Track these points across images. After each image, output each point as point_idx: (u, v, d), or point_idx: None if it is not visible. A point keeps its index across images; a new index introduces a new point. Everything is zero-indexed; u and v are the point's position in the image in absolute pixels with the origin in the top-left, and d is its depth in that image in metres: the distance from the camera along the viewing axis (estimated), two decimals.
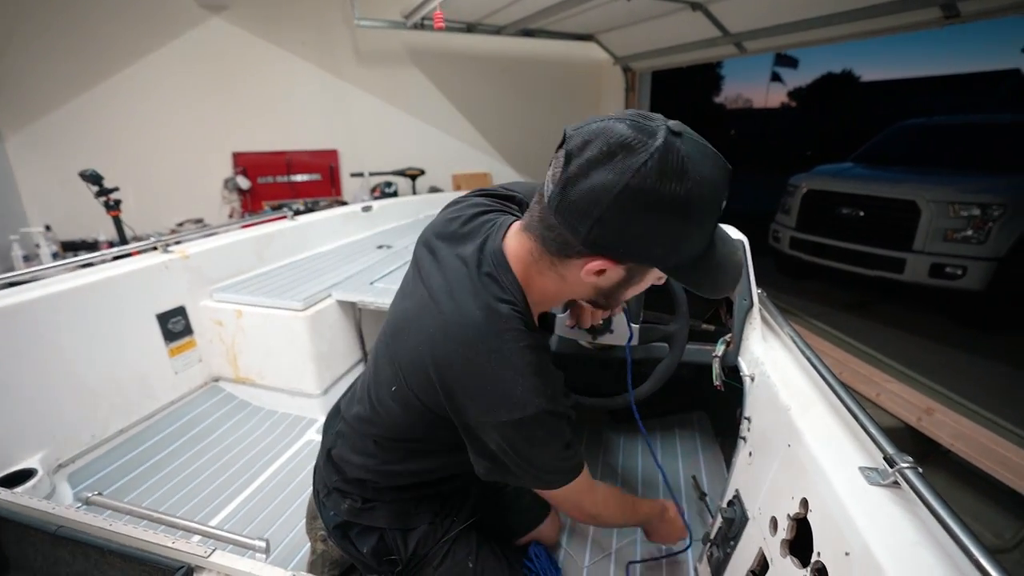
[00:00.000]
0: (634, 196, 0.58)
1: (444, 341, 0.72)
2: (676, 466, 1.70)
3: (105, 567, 0.85)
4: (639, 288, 0.74)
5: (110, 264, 1.77)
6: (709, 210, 0.62)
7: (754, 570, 0.91)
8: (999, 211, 3.61)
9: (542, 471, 0.77)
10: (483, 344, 0.70)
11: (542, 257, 0.72)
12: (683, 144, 0.59)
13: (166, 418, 1.77)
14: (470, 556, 0.95)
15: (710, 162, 0.61)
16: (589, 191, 0.60)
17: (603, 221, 0.61)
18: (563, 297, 0.79)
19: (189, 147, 4.99)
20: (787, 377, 1.03)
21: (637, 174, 0.57)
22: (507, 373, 0.69)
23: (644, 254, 0.65)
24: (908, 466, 0.67)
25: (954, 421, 2.54)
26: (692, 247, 0.65)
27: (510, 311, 0.72)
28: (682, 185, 0.58)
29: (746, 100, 31.76)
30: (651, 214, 0.60)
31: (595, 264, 0.66)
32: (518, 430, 0.70)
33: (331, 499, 0.97)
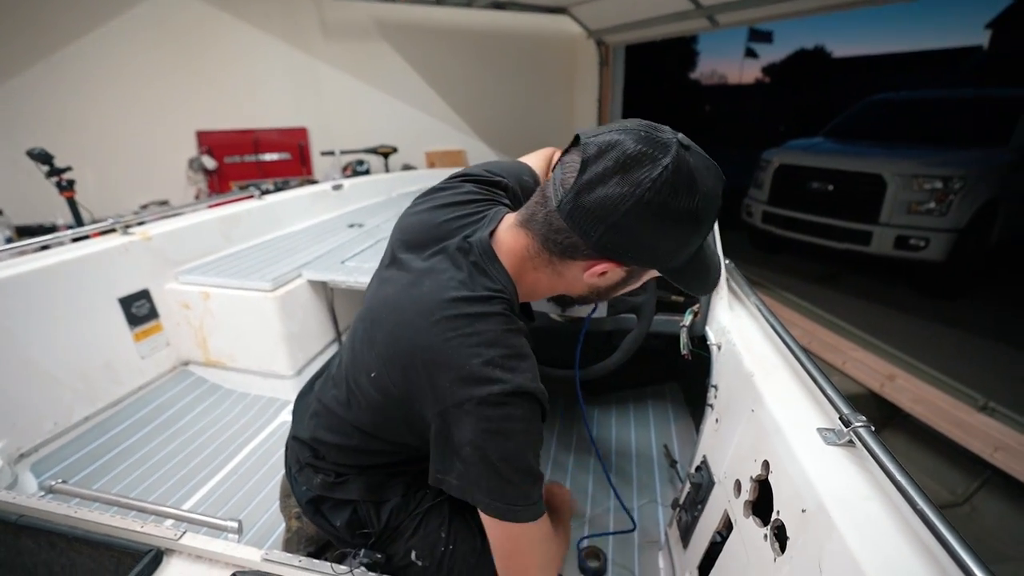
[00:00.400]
0: (649, 207, 0.63)
1: (427, 327, 0.72)
2: (649, 436, 1.74)
3: (72, 554, 0.84)
4: (632, 287, 0.78)
5: (68, 247, 1.70)
6: (712, 218, 0.68)
7: (720, 531, 0.94)
8: (960, 184, 3.73)
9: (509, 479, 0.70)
10: (465, 322, 0.71)
11: (540, 255, 0.74)
12: (691, 158, 0.64)
13: (134, 404, 1.73)
14: (442, 526, 0.96)
15: (713, 174, 0.67)
16: (605, 199, 0.64)
17: (617, 227, 0.65)
18: (554, 291, 0.81)
19: (151, 126, 4.78)
20: (751, 344, 1.06)
21: (652, 187, 0.62)
22: (488, 351, 0.69)
23: (650, 258, 0.69)
24: (861, 425, 0.70)
25: (914, 386, 2.65)
26: (688, 253, 0.70)
27: (497, 296, 0.74)
28: (692, 197, 0.63)
29: (721, 76, 31.85)
30: (665, 223, 0.64)
31: (600, 267, 0.70)
32: (496, 408, 0.68)
33: (303, 474, 0.97)
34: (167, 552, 0.80)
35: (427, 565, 0.94)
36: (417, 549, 0.94)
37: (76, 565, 0.84)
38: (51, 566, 0.86)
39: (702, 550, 0.99)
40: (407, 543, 0.94)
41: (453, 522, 0.98)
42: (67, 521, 0.83)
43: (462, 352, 0.69)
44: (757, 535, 0.78)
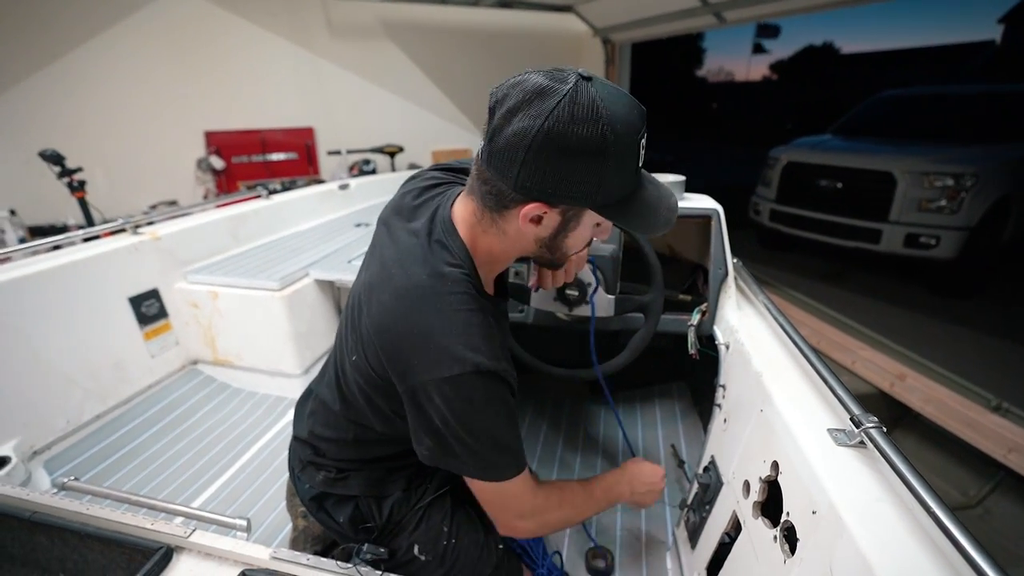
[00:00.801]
0: (550, 137, 0.62)
1: (393, 306, 0.75)
2: (656, 435, 1.74)
3: (84, 551, 0.84)
4: (580, 235, 0.76)
5: (79, 246, 1.71)
6: (625, 148, 0.65)
7: (728, 532, 0.94)
8: (971, 181, 3.68)
9: (485, 448, 0.75)
10: (427, 304, 0.73)
11: (483, 215, 0.75)
12: (593, 87, 0.64)
13: (144, 402, 1.75)
14: (444, 520, 0.97)
15: (623, 102, 0.65)
16: (511, 137, 0.64)
17: (526, 164, 0.64)
18: (509, 254, 0.81)
19: (159, 127, 4.81)
20: (760, 344, 1.05)
21: (551, 116, 0.62)
22: (449, 331, 0.72)
23: (570, 193, 0.67)
24: (873, 426, 0.70)
25: (925, 386, 2.62)
26: (616, 185, 0.68)
27: (458, 274, 0.75)
28: (595, 125, 0.62)
29: (728, 73, 31.59)
30: (569, 154, 0.63)
31: (529, 208, 0.69)
32: (458, 389, 0.71)
33: (306, 473, 0.98)
34: (177, 549, 0.80)
35: (430, 559, 0.94)
36: (420, 543, 0.94)
37: (88, 561, 0.85)
38: (64, 562, 0.87)
39: (710, 551, 0.98)
40: (410, 537, 0.94)
41: (455, 515, 0.98)
42: (79, 518, 0.84)
43: (425, 333, 0.72)
44: (767, 536, 0.77)
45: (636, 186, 0.71)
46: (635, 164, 0.69)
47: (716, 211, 1.32)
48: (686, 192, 1.42)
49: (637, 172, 0.71)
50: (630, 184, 0.70)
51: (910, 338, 3.03)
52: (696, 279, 1.51)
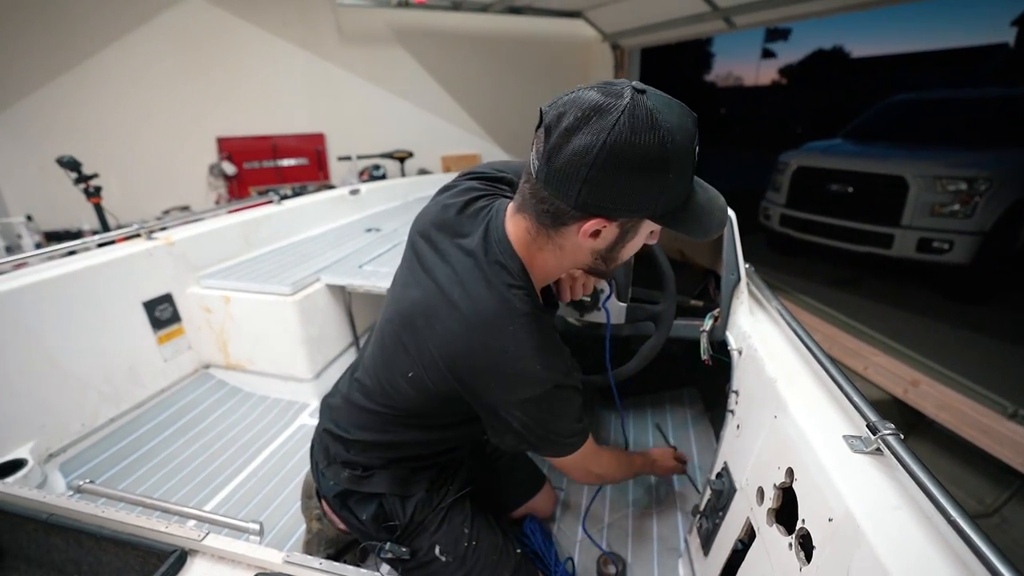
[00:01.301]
0: (612, 153, 0.62)
1: (465, 336, 0.77)
2: (667, 441, 1.73)
3: (99, 553, 0.85)
4: (635, 244, 0.76)
5: (94, 252, 1.74)
6: (684, 156, 0.65)
7: (742, 539, 0.93)
8: (985, 185, 3.64)
9: (560, 437, 0.84)
10: (500, 333, 0.76)
11: (539, 233, 0.75)
12: (648, 99, 0.64)
13: (157, 406, 1.77)
14: (465, 522, 0.97)
15: (676, 111, 0.66)
16: (572, 155, 0.64)
17: (589, 181, 0.64)
18: (564, 268, 0.82)
19: (172, 133, 4.89)
20: (774, 350, 1.04)
21: (612, 132, 0.62)
22: (524, 355, 0.75)
23: (633, 206, 0.68)
24: (890, 433, 0.69)
25: (939, 392, 2.59)
26: (675, 194, 0.68)
27: (522, 297, 0.77)
28: (655, 135, 0.62)
29: (736, 78, 31.54)
30: (632, 167, 0.63)
31: (590, 225, 0.69)
32: (539, 405, 0.77)
33: (331, 470, 0.98)
34: (191, 552, 0.81)
35: (451, 560, 0.95)
36: (441, 544, 0.95)
37: (103, 564, 0.86)
38: (79, 564, 0.88)
39: (723, 558, 0.97)
40: (431, 538, 0.95)
41: (476, 518, 0.99)
42: (95, 520, 0.84)
43: (501, 361, 0.75)
44: (781, 544, 0.76)
45: (691, 192, 0.72)
46: (692, 171, 0.70)
47: (728, 217, 1.31)
48: None
49: (693, 178, 0.72)
50: (687, 190, 0.71)
51: (924, 344, 2.99)
52: (708, 284, 1.51)
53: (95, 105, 4.54)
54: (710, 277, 1.51)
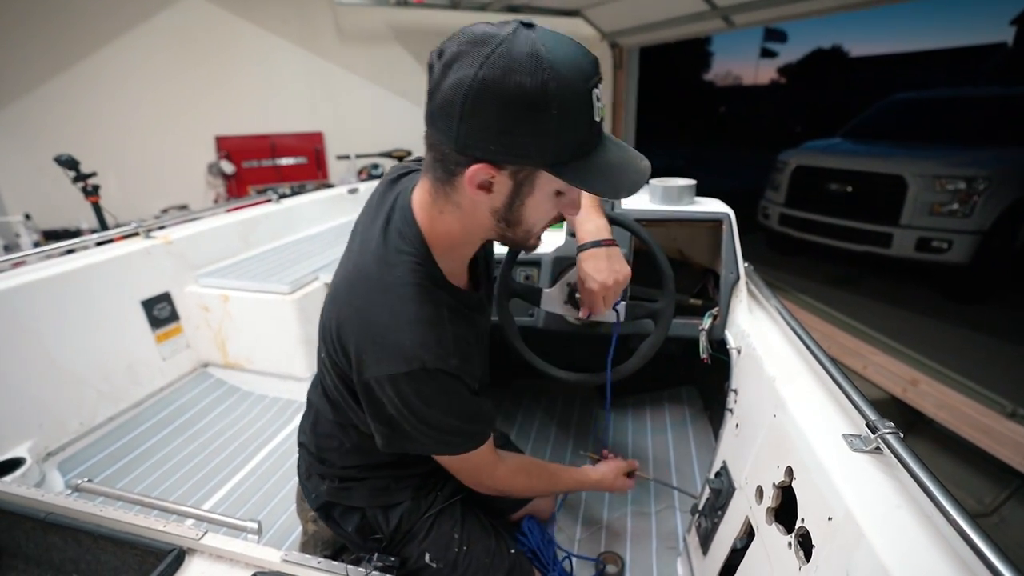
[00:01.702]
0: (486, 85, 0.57)
1: (347, 301, 0.75)
2: (666, 440, 1.73)
3: (97, 552, 0.85)
4: (538, 204, 0.69)
5: (92, 250, 1.73)
6: (572, 96, 0.59)
7: (741, 538, 0.93)
8: (984, 184, 3.64)
9: (437, 432, 0.76)
10: (375, 297, 0.72)
11: (437, 193, 0.71)
12: (535, 32, 0.59)
13: (155, 405, 1.76)
14: (455, 528, 0.96)
15: (568, 47, 0.60)
16: (448, 89, 0.59)
17: (464, 118, 0.59)
18: (472, 235, 0.76)
19: (171, 132, 4.88)
20: (772, 348, 1.04)
21: (486, 63, 0.57)
22: (396, 325, 0.70)
23: (516, 150, 0.61)
24: (889, 432, 0.69)
25: (938, 391, 2.59)
26: (567, 141, 0.61)
27: (411, 265, 0.73)
28: (536, 71, 0.56)
29: (735, 77, 31.52)
30: (507, 102, 0.57)
31: (475, 170, 0.63)
32: (409, 384, 0.70)
33: (311, 482, 0.98)
34: (189, 551, 0.81)
35: (441, 567, 0.94)
36: (431, 551, 0.94)
37: (101, 563, 0.85)
38: (78, 563, 0.87)
39: (722, 557, 0.97)
40: (420, 545, 0.94)
41: (466, 522, 0.98)
42: (93, 519, 0.84)
43: (373, 327, 0.71)
44: (781, 543, 0.76)
45: (595, 145, 0.65)
46: (588, 117, 0.62)
47: (727, 215, 1.31)
48: (697, 196, 1.41)
49: (593, 128, 0.63)
50: (586, 141, 0.63)
51: (923, 343, 2.99)
52: (706, 283, 1.51)
53: (93, 104, 4.52)
54: (709, 276, 1.51)
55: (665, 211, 1.35)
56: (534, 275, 1.33)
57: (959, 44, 44.55)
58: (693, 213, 1.34)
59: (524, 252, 0.95)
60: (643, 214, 1.33)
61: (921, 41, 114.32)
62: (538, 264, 1.33)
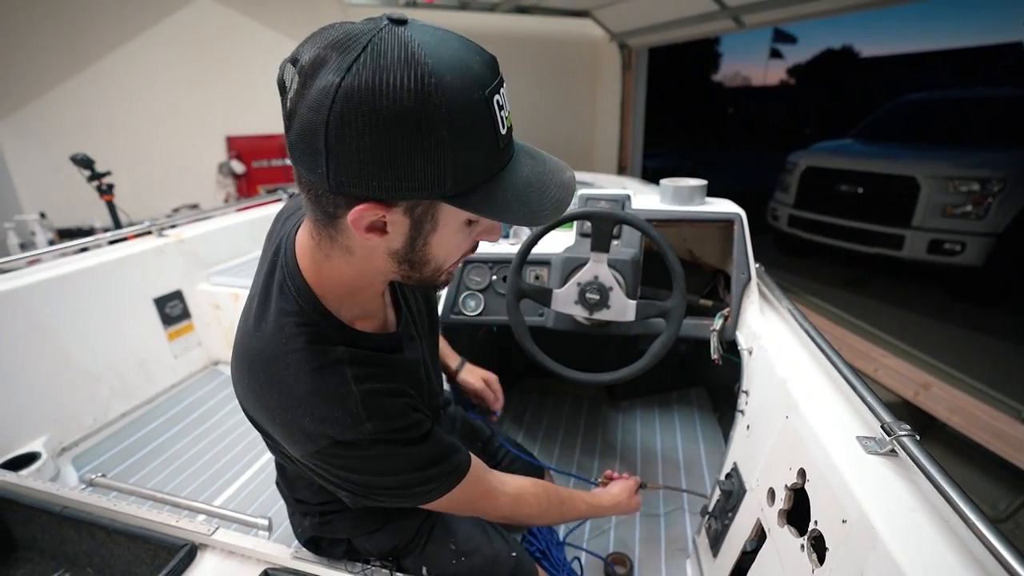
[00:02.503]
0: (350, 103, 0.44)
1: (239, 379, 0.66)
2: (675, 441, 1.72)
3: (111, 546, 0.86)
4: (447, 239, 0.58)
5: (106, 249, 1.76)
6: (465, 107, 0.47)
7: (752, 540, 0.92)
8: (999, 186, 3.59)
9: (403, 489, 0.67)
10: (266, 376, 0.62)
11: (321, 235, 0.58)
12: (409, 31, 0.47)
13: (167, 401, 1.78)
14: (451, 539, 0.92)
15: (453, 47, 0.48)
16: (307, 114, 0.47)
17: (332, 150, 0.47)
18: (370, 279, 0.64)
19: (182, 131, 4.93)
20: (785, 350, 1.03)
21: (349, 74, 0.44)
22: (292, 405, 0.60)
23: (404, 184, 0.48)
24: (905, 434, 0.68)
25: (950, 395, 2.56)
26: (465, 163, 0.49)
27: (292, 324, 0.62)
28: (412, 79, 0.44)
29: (744, 78, 31.38)
30: (383, 125, 0.45)
31: (358, 212, 0.50)
32: (331, 460, 0.62)
33: (295, 519, 0.93)
34: (201, 547, 0.81)
35: None
36: (428, 565, 0.91)
37: (115, 556, 0.86)
38: (92, 556, 0.88)
39: (733, 559, 0.96)
40: (417, 559, 0.91)
41: (460, 532, 0.95)
42: (107, 514, 0.85)
43: (271, 413, 0.62)
44: (793, 545, 0.76)
45: (504, 162, 0.53)
46: (489, 131, 0.50)
47: (739, 215, 1.31)
48: (708, 196, 1.41)
49: (499, 142, 0.51)
50: (490, 159, 0.51)
51: (935, 346, 2.96)
52: (717, 284, 1.50)
53: (107, 104, 4.58)
54: (719, 277, 1.51)
55: (676, 211, 1.35)
56: (543, 275, 1.33)
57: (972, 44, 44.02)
58: (704, 213, 1.34)
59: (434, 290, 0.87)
60: (654, 214, 1.33)
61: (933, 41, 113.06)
62: (548, 264, 1.33)
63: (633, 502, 1.09)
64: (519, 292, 1.19)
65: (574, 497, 0.98)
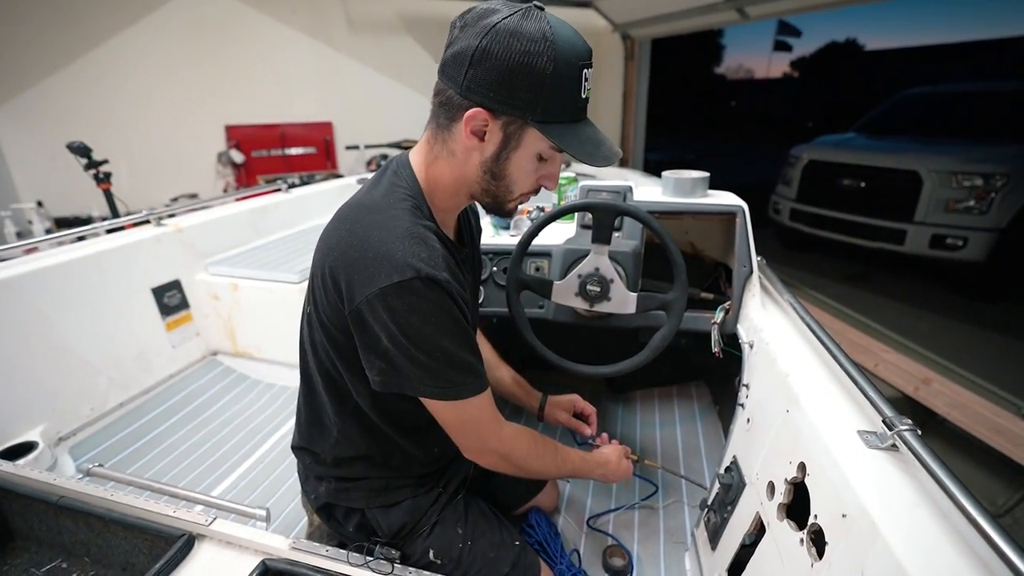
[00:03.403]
0: (497, 40, 0.66)
1: (335, 227, 0.77)
2: (674, 434, 1.72)
3: (108, 536, 0.86)
4: (523, 162, 0.75)
5: (103, 238, 1.74)
6: (566, 67, 0.68)
7: (751, 534, 0.92)
8: (1002, 181, 3.57)
9: (437, 363, 0.73)
10: (368, 218, 0.75)
11: (435, 139, 0.77)
12: (548, 16, 0.68)
13: (165, 391, 1.78)
14: (459, 523, 0.95)
15: (570, 32, 0.70)
16: (463, 43, 0.68)
17: (473, 64, 0.68)
18: (460, 185, 0.80)
19: (181, 120, 4.90)
20: (786, 343, 1.02)
21: (501, 24, 0.66)
22: (388, 239, 0.71)
23: (512, 101, 0.69)
24: (907, 429, 0.67)
25: (951, 391, 2.56)
26: (556, 105, 0.70)
27: (401, 192, 0.77)
28: (539, 37, 0.66)
29: (747, 71, 31.17)
30: (511, 56, 0.66)
31: (473, 113, 0.70)
32: (401, 297, 0.69)
33: (309, 484, 0.97)
34: (199, 537, 0.81)
35: (446, 563, 0.93)
36: (435, 548, 0.93)
37: (112, 546, 0.86)
38: (88, 546, 0.88)
39: (732, 552, 0.96)
40: (424, 542, 0.93)
41: (469, 517, 0.97)
42: (104, 504, 0.85)
43: (365, 244, 0.71)
44: (792, 539, 0.75)
45: (578, 118, 0.74)
46: (577, 91, 0.71)
47: (741, 208, 1.30)
48: (709, 189, 1.39)
49: (578, 104, 0.72)
50: (572, 113, 0.72)
51: (936, 341, 2.95)
52: (718, 277, 1.49)
53: (105, 92, 4.55)
54: (720, 270, 1.50)
55: (678, 203, 1.33)
56: (544, 267, 1.32)
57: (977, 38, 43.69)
58: (706, 206, 1.33)
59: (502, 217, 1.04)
60: (655, 206, 1.32)
61: (938, 34, 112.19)
62: (548, 256, 1.32)
63: (623, 466, 1.11)
64: (519, 283, 1.18)
65: (568, 450, 1.02)
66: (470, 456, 0.87)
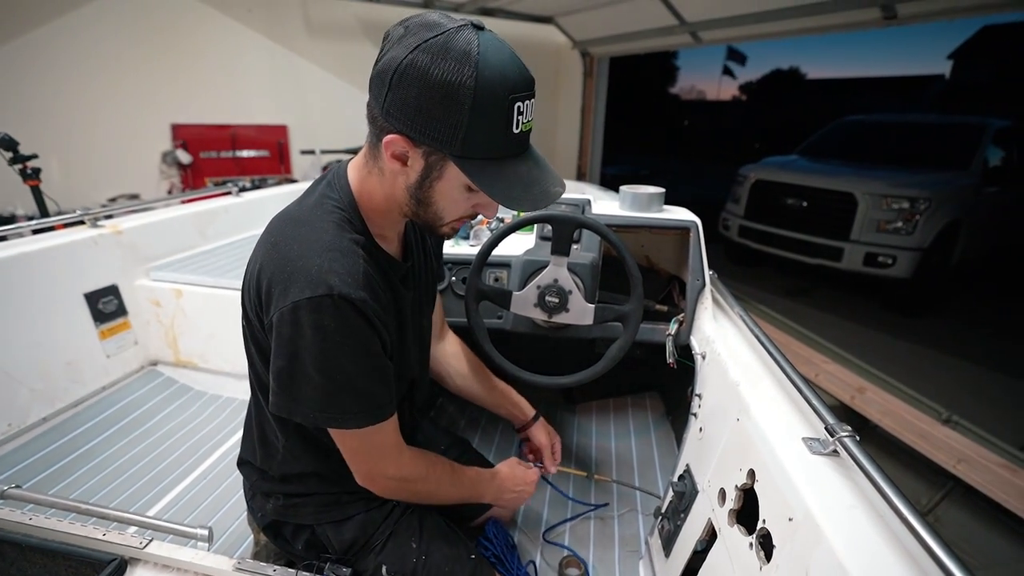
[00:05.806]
0: (415, 64, 0.61)
1: (264, 240, 0.76)
2: (629, 444, 1.75)
3: (24, 564, 0.79)
4: (448, 193, 0.71)
5: (29, 239, 1.62)
6: (491, 100, 0.62)
7: (703, 540, 0.94)
8: (925, 204, 3.88)
9: (336, 388, 0.70)
10: (293, 231, 0.73)
11: (369, 154, 0.74)
12: (479, 36, 0.63)
13: (97, 404, 1.65)
14: (413, 537, 0.93)
15: (505, 59, 0.64)
16: (388, 59, 0.64)
17: (393, 86, 0.63)
18: (390, 204, 0.76)
19: (123, 116, 4.61)
20: (736, 354, 1.06)
21: (424, 45, 0.61)
22: (308, 252, 0.69)
23: (428, 131, 0.64)
24: (847, 435, 0.71)
25: (882, 399, 2.73)
26: (478, 140, 0.64)
27: (331, 204, 0.75)
28: (462, 64, 0.60)
29: (699, 92, 32.62)
30: (430, 84, 0.61)
31: (392, 139, 0.66)
32: (312, 313, 0.66)
33: (256, 501, 0.94)
34: (131, 561, 0.75)
35: None
36: (388, 563, 0.90)
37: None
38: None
39: (685, 559, 0.98)
40: (377, 558, 0.90)
41: (424, 530, 0.95)
42: (20, 528, 0.78)
43: (283, 258, 0.70)
44: (742, 544, 0.78)
45: (510, 155, 0.68)
46: (504, 125, 0.64)
47: (695, 223, 1.34)
48: (665, 204, 1.44)
49: (509, 138, 0.66)
50: (498, 146, 0.66)
51: (869, 353, 3.15)
52: (672, 290, 1.53)
53: (36, 82, 4.23)
54: (674, 283, 1.54)
55: (634, 217, 1.37)
56: (503, 277, 1.33)
57: (905, 73, 47.48)
58: (662, 220, 1.37)
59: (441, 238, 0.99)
60: (613, 220, 1.35)
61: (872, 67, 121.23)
62: (508, 266, 1.32)
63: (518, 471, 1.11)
64: (478, 293, 1.18)
65: (464, 470, 0.99)
66: (363, 483, 0.84)
